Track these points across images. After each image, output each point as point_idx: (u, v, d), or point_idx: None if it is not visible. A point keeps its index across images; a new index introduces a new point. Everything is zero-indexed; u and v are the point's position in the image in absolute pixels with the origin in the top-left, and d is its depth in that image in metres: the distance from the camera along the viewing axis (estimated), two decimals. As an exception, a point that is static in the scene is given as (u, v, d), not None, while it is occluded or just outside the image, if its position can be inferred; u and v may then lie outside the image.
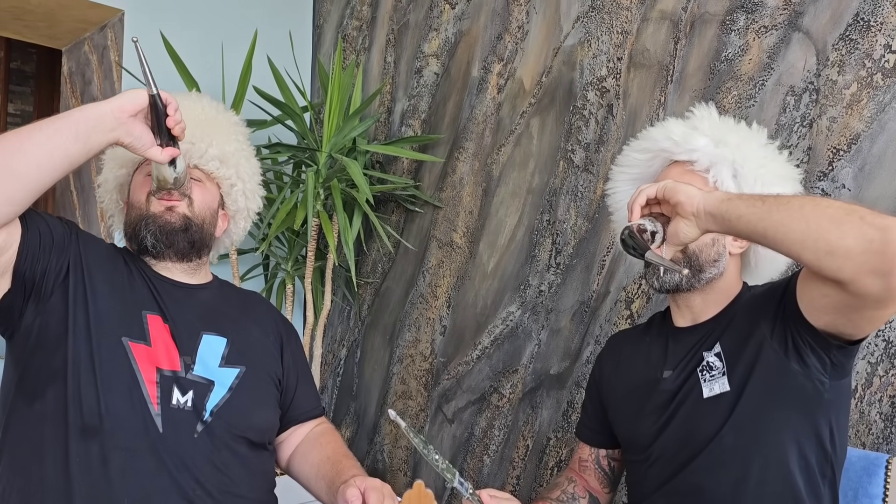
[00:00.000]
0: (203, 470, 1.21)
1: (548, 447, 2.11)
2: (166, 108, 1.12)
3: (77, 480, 1.14)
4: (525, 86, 2.22)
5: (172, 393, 1.22)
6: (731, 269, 1.29)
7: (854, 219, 0.93)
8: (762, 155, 1.27)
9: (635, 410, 1.31)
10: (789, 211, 0.97)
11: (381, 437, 2.60)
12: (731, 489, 1.15)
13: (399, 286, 2.59)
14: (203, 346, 1.30)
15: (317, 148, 2.43)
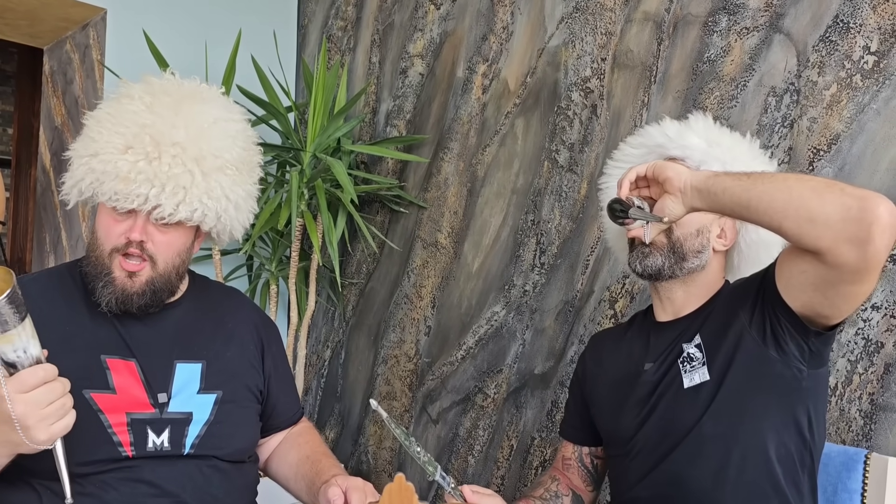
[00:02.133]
0: (186, 487, 1.20)
1: (532, 447, 2.11)
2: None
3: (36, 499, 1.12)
4: (510, 86, 2.23)
5: (147, 436, 1.19)
6: (714, 265, 1.31)
7: (835, 189, 0.98)
8: (752, 157, 1.31)
9: (617, 404, 1.31)
10: (773, 183, 1.03)
11: (366, 439, 2.59)
12: (711, 478, 1.16)
13: (384, 287, 2.58)
14: (178, 377, 1.26)
15: (301, 148, 2.42)
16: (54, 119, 2.94)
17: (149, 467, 1.17)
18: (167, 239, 1.23)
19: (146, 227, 1.21)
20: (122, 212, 1.20)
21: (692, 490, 1.18)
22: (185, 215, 1.21)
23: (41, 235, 3.00)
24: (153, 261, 1.22)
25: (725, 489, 1.15)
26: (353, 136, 2.67)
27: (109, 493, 1.13)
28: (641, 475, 1.25)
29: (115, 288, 1.20)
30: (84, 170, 1.20)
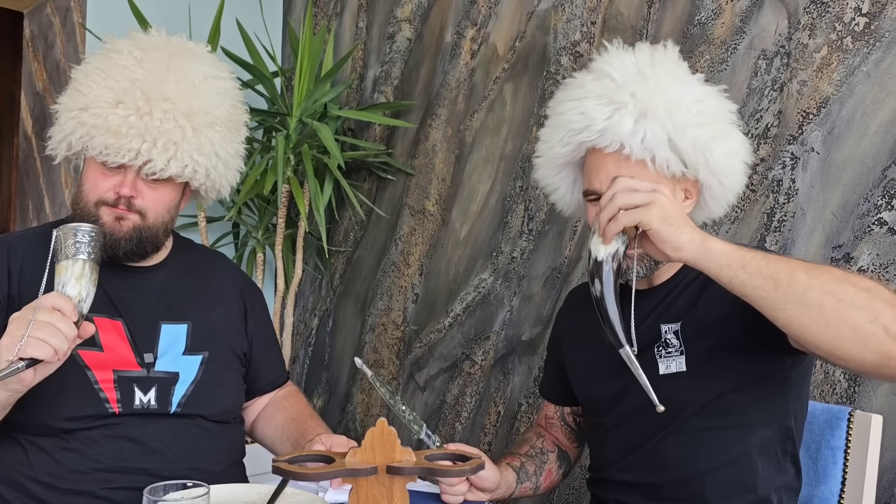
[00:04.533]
0: (171, 446, 1.20)
1: (519, 413, 2.12)
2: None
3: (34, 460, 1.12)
4: (498, 51, 2.20)
5: (134, 394, 1.19)
6: None
7: (877, 330, 0.86)
8: (696, 113, 1.15)
9: (591, 374, 1.30)
10: (806, 307, 0.89)
11: (353, 406, 2.60)
12: (691, 471, 1.15)
13: (371, 255, 2.57)
14: (164, 338, 1.26)
15: (287, 113, 2.39)
16: (35, 84, 2.89)
17: (135, 425, 1.16)
18: (157, 195, 1.23)
19: (136, 182, 1.20)
20: (112, 167, 1.19)
21: (671, 481, 1.16)
22: (175, 171, 1.21)
23: (24, 203, 2.96)
24: (142, 214, 1.22)
25: (705, 482, 1.14)
26: (341, 101, 2.64)
27: (95, 448, 1.12)
28: (620, 454, 1.24)
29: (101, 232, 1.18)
30: (74, 123, 1.19)
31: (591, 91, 1.17)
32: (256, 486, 1.14)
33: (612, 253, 1.02)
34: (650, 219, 0.95)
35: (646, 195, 0.97)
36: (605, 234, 1.01)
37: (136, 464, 1.14)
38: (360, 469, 0.64)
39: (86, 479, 1.11)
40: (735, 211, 1.68)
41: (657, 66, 1.17)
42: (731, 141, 1.18)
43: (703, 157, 1.14)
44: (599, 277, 1.03)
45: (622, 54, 1.19)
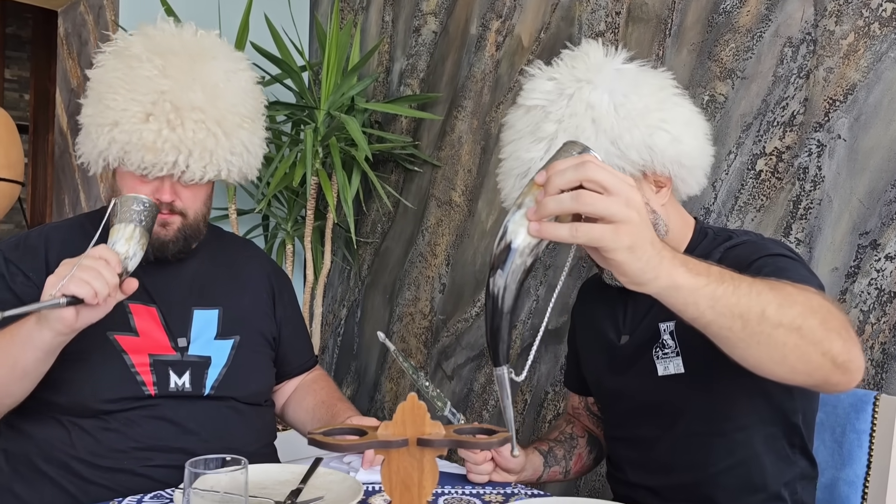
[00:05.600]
0: (206, 426, 1.24)
1: (546, 401, 2.14)
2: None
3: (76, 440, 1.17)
4: (523, 42, 2.21)
5: (169, 377, 1.24)
6: (672, 214, 1.21)
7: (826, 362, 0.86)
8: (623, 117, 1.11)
9: (597, 369, 1.32)
10: (769, 347, 0.84)
11: (382, 395, 2.64)
12: (699, 472, 1.15)
13: (398, 245, 2.60)
14: (196, 323, 1.30)
15: (315, 106, 2.43)
16: (70, 82, 2.96)
17: (170, 406, 1.21)
18: (193, 193, 1.28)
19: (174, 186, 1.25)
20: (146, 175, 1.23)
21: (678, 484, 1.17)
22: (212, 175, 1.25)
23: (60, 197, 3.04)
24: (183, 214, 1.27)
25: (713, 484, 1.14)
26: (367, 95, 2.67)
27: (134, 429, 1.17)
28: (626, 455, 1.26)
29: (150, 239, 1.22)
30: (106, 140, 1.21)
31: (523, 129, 1.16)
32: (290, 465, 1.18)
33: (533, 244, 0.77)
34: (616, 247, 0.75)
35: (619, 207, 0.74)
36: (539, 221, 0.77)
37: (172, 443, 1.19)
38: (391, 441, 0.67)
39: (125, 457, 1.16)
40: (760, 199, 1.69)
41: (579, 76, 1.14)
42: (673, 125, 1.14)
43: (650, 154, 1.12)
44: (503, 269, 0.77)
45: (540, 80, 1.17)
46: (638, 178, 1.15)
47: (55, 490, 1.14)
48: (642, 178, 1.16)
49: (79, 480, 1.14)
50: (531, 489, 1.20)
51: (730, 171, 1.74)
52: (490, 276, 0.78)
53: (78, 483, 1.14)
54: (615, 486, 1.30)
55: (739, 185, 1.73)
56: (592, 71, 1.13)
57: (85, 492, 1.13)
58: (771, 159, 1.68)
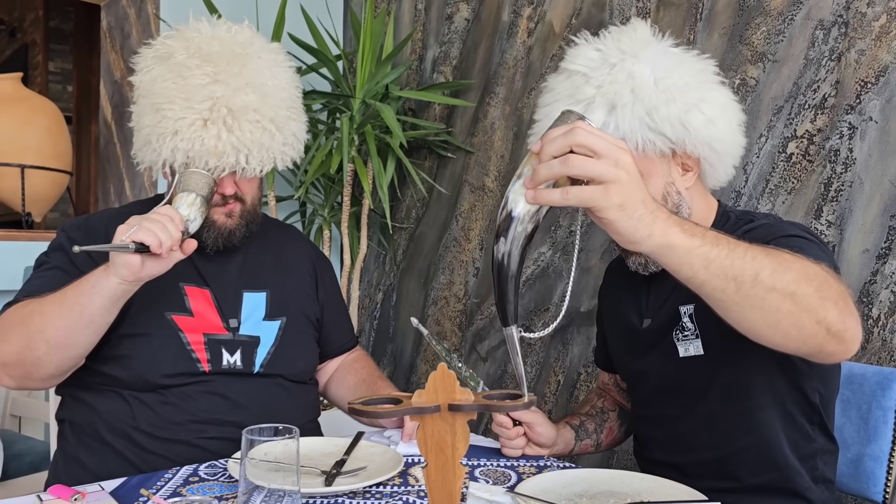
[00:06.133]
0: (255, 402, 1.31)
1: (578, 382, 2.18)
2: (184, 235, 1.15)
3: (137, 412, 1.24)
4: (555, 29, 2.24)
5: (222, 355, 1.31)
6: (695, 198, 1.23)
7: (821, 330, 0.87)
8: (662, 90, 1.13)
9: (621, 350, 1.36)
10: (763, 310, 0.86)
11: (418, 377, 2.70)
12: (720, 450, 1.18)
13: (433, 231, 2.66)
14: (246, 304, 1.37)
15: (350, 94, 2.48)
16: (114, 74, 3.05)
17: (223, 382, 1.28)
18: (250, 184, 1.37)
19: (232, 179, 1.32)
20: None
21: (700, 461, 1.20)
22: (269, 168, 1.33)
23: (105, 186, 3.14)
24: (243, 202, 1.35)
25: (734, 462, 1.17)
26: (401, 82, 2.72)
27: (190, 403, 1.25)
28: (650, 433, 1.30)
29: (218, 231, 1.33)
30: (169, 149, 1.26)
31: (561, 93, 1.18)
32: (334, 438, 1.24)
33: (532, 212, 0.81)
34: (606, 205, 0.78)
35: (607, 168, 0.78)
36: (535, 188, 0.80)
37: (225, 416, 1.26)
38: (425, 407, 0.72)
39: (182, 429, 1.23)
40: (791, 182, 1.70)
41: (624, 49, 1.16)
42: (709, 106, 1.16)
43: (683, 132, 1.14)
44: (506, 237, 0.82)
45: (586, 48, 1.19)
46: (667, 156, 1.18)
47: (118, 459, 1.22)
48: (671, 156, 1.18)
49: (139, 450, 1.22)
50: (563, 462, 1.25)
51: (761, 154, 1.76)
52: (494, 244, 0.83)
53: (138, 452, 1.22)
54: (642, 464, 1.34)
55: (770, 168, 1.74)
56: (638, 46, 1.16)
57: (145, 461, 1.21)
58: (802, 142, 1.69)
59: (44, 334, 1.13)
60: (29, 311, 1.16)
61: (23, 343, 1.14)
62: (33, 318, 1.14)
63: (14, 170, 2.91)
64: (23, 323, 1.15)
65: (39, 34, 5.19)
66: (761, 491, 1.16)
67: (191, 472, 1.12)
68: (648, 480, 1.06)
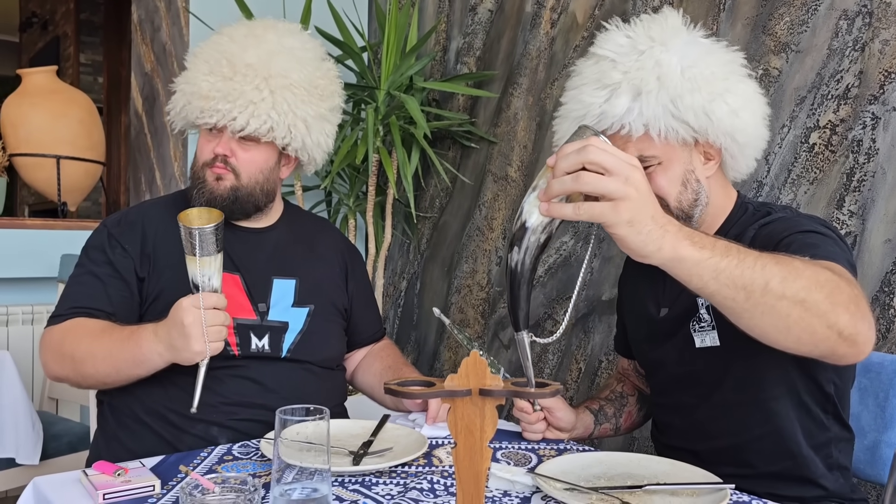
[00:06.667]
0: (284, 386, 1.36)
1: (599, 369, 2.21)
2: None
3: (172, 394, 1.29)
4: (578, 20, 2.25)
5: (251, 339, 1.36)
6: (714, 187, 1.24)
7: (832, 334, 0.89)
8: (688, 79, 1.15)
9: (640, 338, 1.38)
10: (773, 317, 0.88)
11: (441, 363, 2.74)
12: (735, 438, 1.20)
13: (456, 220, 2.69)
14: (275, 291, 1.42)
15: (375, 86, 2.52)
16: (144, 66, 3.11)
17: (253, 366, 1.33)
18: (249, 156, 1.40)
19: (230, 143, 1.39)
20: (211, 131, 1.39)
21: (716, 448, 1.22)
22: (255, 126, 1.36)
23: (137, 176, 3.21)
24: (236, 173, 1.39)
25: (749, 450, 1.19)
26: (425, 73, 2.75)
27: (222, 385, 1.30)
28: (668, 421, 1.32)
29: (205, 191, 1.39)
30: (179, 95, 1.41)
31: (588, 77, 1.20)
32: (360, 421, 1.29)
33: (545, 223, 0.85)
34: (615, 221, 0.82)
35: (617, 185, 0.81)
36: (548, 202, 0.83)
37: (255, 399, 1.31)
38: (457, 391, 0.76)
39: (214, 411, 1.28)
40: (814, 172, 1.71)
41: (654, 37, 1.17)
42: (734, 97, 1.17)
43: (706, 121, 1.15)
44: (520, 246, 0.85)
45: (616, 34, 1.21)
46: (689, 144, 1.19)
47: (155, 438, 1.28)
48: (693, 145, 1.20)
49: (175, 430, 1.28)
50: (583, 445, 1.28)
51: (783, 144, 1.77)
52: (508, 252, 0.86)
53: (174, 432, 1.28)
54: (660, 449, 1.37)
55: (793, 159, 1.75)
56: (668, 34, 1.18)
57: (181, 440, 1.26)
58: (825, 132, 1.70)
59: (94, 378, 1.28)
60: (83, 351, 1.25)
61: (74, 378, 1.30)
62: (86, 363, 1.25)
63: (50, 161, 2.99)
64: (74, 361, 1.26)
65: (71, 27, 5.29)
66: (776, 478, 1.19)
67: (225, 450, 1.17)
68: (665, 463, 1.09)
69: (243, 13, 2.45)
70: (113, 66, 5.14)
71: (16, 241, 2.52)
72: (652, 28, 1.19)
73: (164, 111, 2.74)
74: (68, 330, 1.29)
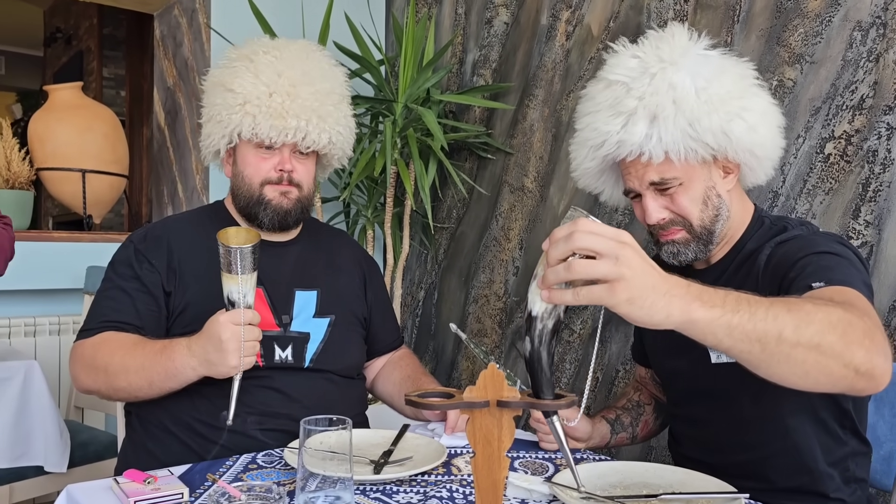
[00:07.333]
0: (307, 395, 1.39)
1: (617, 379, 2.22)
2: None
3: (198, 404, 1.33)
4: (593, 32, 2.28)
5: (274, 350, 1.39)
6: (733, 201, 1.26)
7: (849, 373, 0.89)
8: (704, 101, 1.16)
9: (656, 350, 1.39)
10: (790, 364, 0.88)
11: (459, 373, 2.77)
12: (753, 453, 1.21)
13: (473, 230, 2.72)
14: (297, 302, 1.45)
15: (393, 99, 2.56)
16: (167, 80, 3.18)
17: (277, 377, 1.36)
18: (306, 168, 1.48)
19: (291, 159, 1.45)
20: (268, 149, 1.43)
21: (733, 463, 1.23)
22: (325, 141, 1.45)
23: (159, 189, 3.27)
24: (299, 186, 1.46)
25: (766, 465, 1.20)
26: (442, 86, 2.78)
27: (248, 396, 1.33)
28: (684, 432, 1.33)
29: (274, 209, 1.44)
30: (238, 117, 1.42)
31: (602, 102, 1.20)
32: (381, 430, 1.31)
33: (550, 309, 0.84)
34: (614, 303, 0.81)
35: (608, 268, 0.80)
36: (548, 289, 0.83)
37: (280, 409, 1.34)
38: (475, 402, 0.79)
39: (240, 421, 1.31)
40: (829, 182, 1.72)
41: (664, 57, 1.17)
42: (751, 114, 1.18)
43: (725, 140, 1.16)
44: (531, 335, 0.85)
45: (626, 56, 1.21)
46: (708, 162, 1.20)
47: (182, 447, 1.31)
48: (712, 162, 1.21)
49: (200, 439, 1.31)
50: (599, 455, 1.30)
51: (798, 154, 1.78)
52: (521, 342, 0.86)
53: (200, 441, 1.31)
54: (677, 459, 1.38)
55: (808, 169, 1.76)
56: (677, 53, 1.18)
57: (206, 449, 1.29)
58: (840, 143, 1.71)
59: (126, 392, 1.31)
60: (116, 365, 1.29)
61: (105, 391, 1.33)
62: (118, 376, 1.29)
63: (76, 174, 3.05)
64: (107, 375, 1.30)
65: (94, 41, 5.39)
66: (793, 492, 1.19)
67: (249, 459, 1.20)
68: (680, 473, 1.11)
69: (263, 28, 2.50)
70: (135, 79, 5.23)
71: (43, 253, 2.59)
72: (661, 48, 1.19)
73: (187, 130, 2.79)
74: (99, 343, 1.33)
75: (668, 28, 1.24)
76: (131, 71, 5.31)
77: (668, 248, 1.25)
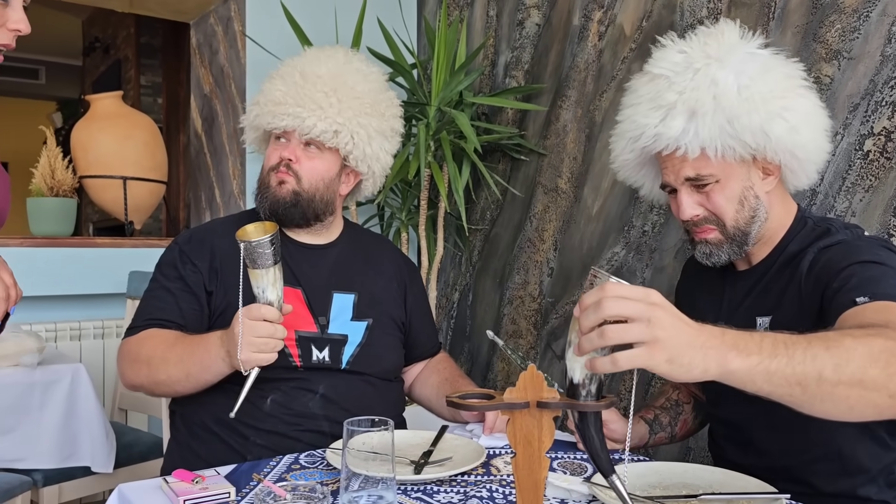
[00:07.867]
0: (345, 397, 1.41)
1: (653, 379, 2.21)
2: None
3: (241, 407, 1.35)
4: (625, 31, 2.27)
5: (312, 351, 1.42)
6: (774, 202, 1.24)
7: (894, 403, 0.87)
8: (745, 99, 1.14)
9: None
10: (833, 402, 0.87)
11: (494, 374, 2.78)
12: (795, 458, 1.19)
13: (507, 232, 2.72)
14: (335, 305, 1.48)
15: (426, 102, 2.58)
16: (203, 88, 3.24)
17: (315, 378, 1.39)
18: (312, 164, 1.48)
19: (296, 149, 1.47)
20: (279, 139, 1.47)
21: (774, 467, 1.20)
22: (323, 128, 1.44)
23: (197, 194, 3.33)
24: (298, 177, 1.47)
25: (809, 470, 1.18)
26: (474, 88, 2.79)
27: (286, 397, 1.36)
28: (723, 434, 1.31)
29: (268, 195, 1.47)
30: (255, 108, 1.50)
31: (644, 95, 1.20)
32: (420, 431, 1.33)
33: (590, 375, 0.84)
34: (654, 364, 0.80)
35: (641, 331, 0.79)
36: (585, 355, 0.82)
37: (318, 411, 1.37)
38: (516, 403, 0.80)
39: (279, 422, 1.34)
40: (869, 179, 1.70)
41: (710, 53, 1.16)
42: (793, 114, 1.16)
43: (764, 139, 1.14)
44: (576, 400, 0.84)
45: (671, 50, 1.20)
46: (747, 161, 1.19)
47: (224, 447, 1.35)
48: (751, 161, 1.19)
49: (242, 440, 1.34)
50: (637, 455, 1.30)
51: (837, 152, 1.75)
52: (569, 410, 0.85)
53: (241, 442, 1.34)
54: (716, 461, 1.37)
55: (847, 166, 1.74)
56: (724, 50, 1.17)
57: (248, 450, 1.33)
58: (879, 139, 1.68)
59: (167, 385, 1.35)
60: (157, 357, 1.34)
61: (147, 385, 1.38)
62: (159, 368, 1.33)
63: (117, 181, 3.13)
64: (148, 367, 1.35)
65: (131, 50, 5.50)
66: (835, 497, 1.18)
67: (292, 459, 1.23)
68: (719, 473, 1.10)
69: (297, 35, 2.54)
70: (171, 87, 5.33)
71: (87, 259, 2.66)
72: (708, 43, 1.19)
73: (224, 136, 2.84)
74: (144, 339, 1.38)
75: (719, 24, 1.23)
76: (168, 79, 5.42)
77: (702, 248, 1.25)
